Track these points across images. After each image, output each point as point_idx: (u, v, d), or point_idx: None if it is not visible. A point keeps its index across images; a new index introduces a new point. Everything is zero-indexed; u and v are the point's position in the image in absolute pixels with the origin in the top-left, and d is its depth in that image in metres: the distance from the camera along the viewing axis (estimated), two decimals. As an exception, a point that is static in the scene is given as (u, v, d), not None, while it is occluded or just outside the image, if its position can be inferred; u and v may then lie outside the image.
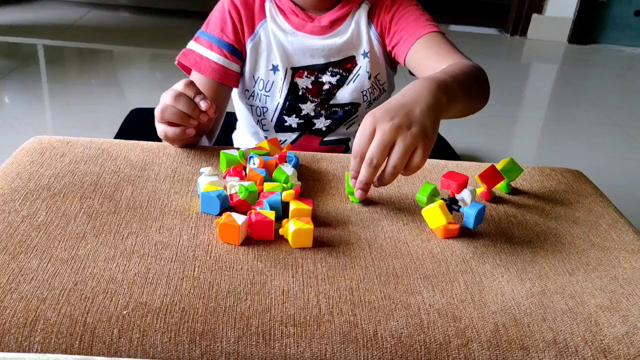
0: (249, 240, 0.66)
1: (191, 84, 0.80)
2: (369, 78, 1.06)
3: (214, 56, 1.02)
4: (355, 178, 0.70)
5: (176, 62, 1.06)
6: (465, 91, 0.79)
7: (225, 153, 0.80)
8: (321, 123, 1.09)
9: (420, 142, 0.68)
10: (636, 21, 3.93)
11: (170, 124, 0.81)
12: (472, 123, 2.49)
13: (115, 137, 1.30)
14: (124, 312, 0.55)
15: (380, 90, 1.10)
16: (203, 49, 1.03)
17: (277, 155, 0.81)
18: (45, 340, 0.52)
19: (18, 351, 0.52)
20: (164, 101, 0.80)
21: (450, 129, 1.85)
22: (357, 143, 0.69)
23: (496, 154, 2.22)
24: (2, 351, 0.52)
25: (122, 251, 0.63)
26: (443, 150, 1.53)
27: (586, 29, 3.91)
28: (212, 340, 0.53)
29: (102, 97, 2.43)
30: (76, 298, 0.56)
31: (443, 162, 0.90)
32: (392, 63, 1.09)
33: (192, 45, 1.05)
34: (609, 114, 2.75)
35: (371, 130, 0.68)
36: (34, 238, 0.64)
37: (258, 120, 1.11)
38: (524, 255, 0.69)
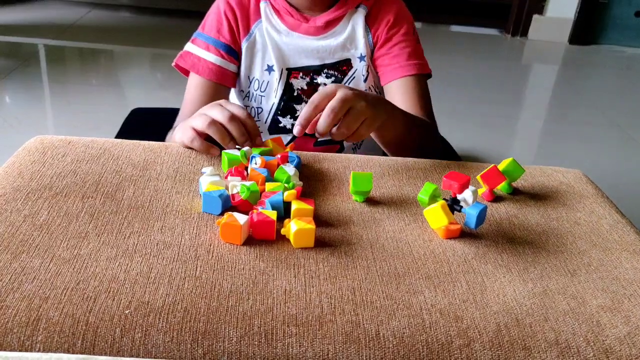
0: (251, 240, 0.66)
1: (243, 108, 0.81)
2: (365, 81, 1.07)
3: (211, 57, 1.03)
4: (302, 125, 0.79)
5: (173, 64, 1.06)
6: (407, 125, 0.93)
7: (227, 153, 0.80)
8: None
9: (369, 115, 0.79)
10: (637, 22, 3.93)
11: (202, 135, 0.81)
12: (474, 124, 2.49)
13: (116, 137, 1.30)
14: (126, 312, 0.55)
15: (375, 93, 1.10)
16: (200, 50, 1.04)
17: (279, 156, 0.81)
18: (48, 340, 0.52)
19: (20, 350, 0.52)
20: (213, 115, 0.79)
21: (452, 130, 1.85)
22: (317, 95, 0.78)
23: (497, 154, 2.22)
24: (5, 350, 0.52)
25: (124, 251, 0.63)
26: (444, 150, 1.53)
27: (587, 29, 3.92)
28: (215, 340, 0.53)
29: (103, 97, 2.44)
30: (78, 297, 0.56)
31: (445, 162, 0.90)
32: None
33: (189, 47, 1.06)
34: (609, 115, 2.75)
35: (332, 90, 0.78)
36: (36, 237, 0.64)
37: None
38: (525, 255, 0.69)
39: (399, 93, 1.04)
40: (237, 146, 0.81)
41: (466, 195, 0.71)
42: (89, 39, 3.20)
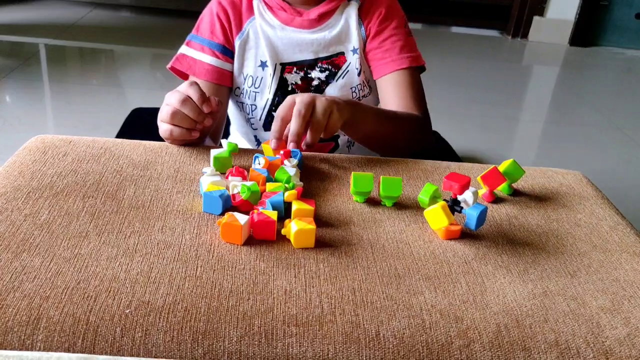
0: (251, 240, 0.66)
1: (194, 84, 0.81)
2: (359, 75, 1.07)
3: (207, 58, 1.03)
4: (277, 138, 0.82)
5: (169, 67, 1.07)
6: (379, 118, 0.95)
7: (214, 151, 0.80)
8: None
9: (334, 106, 0.83)
10: (637, 24, 3.93)
11: (174, 125, 0.82)
12: (474, 125, 2.49)
13: (117, 137, 1.30)
14: (127, 311, 0.55)
15: (369, 89, 1.10)
16: (195, 52, 1.04)
17: (282, 152, 0.81)
18: (48, 339, 0.52)
19: (21, 349, 0.52)
20: (171, 104, 0.80)
21: (452, 131, 1.85)
22: (280, 109, 0.82)
23: (498, 155, 2.22)
24: (5, 349, 0.52)
25: (124, 250, 0.63)
26: (445, 151, 1.53)
27: (587, 31, 3.92)
28: (215, 340, 0.53)
29: (104, 97, 2.44)
30: (79, 297, 0.56)
31: (445, 163, 0.90)
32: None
33: (184, 49, 1.06)
34: (609, 116, 2.75)
35: (292, 101, 0.82)
36: (36, 237, 0.64)
37: (247, 119, 1.11)
38: (525, 256, 0.69)
39: (390, 87, 1.05)
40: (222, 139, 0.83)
41: (466, 196, 0.71)
42: (90, 39, 3.20)
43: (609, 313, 0.61)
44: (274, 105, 1.07)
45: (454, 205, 0.72)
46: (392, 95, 1.04)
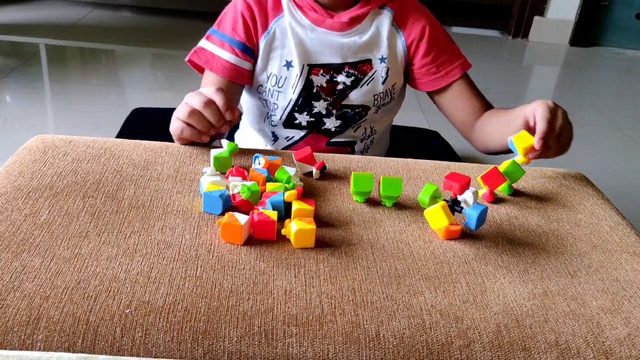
0: (251, 240, 0.66)
1: (221, 90, 0.81)
2: (383, 83, 1.07)
3: (226, 55, 1.02)
4: (541, 138, 0.83)
5: (187, 60, 1.06)
6: None
7: (214, 151, 0.80)
8: (331, 123, 1.09)
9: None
10: (637, 24, 3.93)
11: (189, 125, 0.82)
12: (474, 125, 2.49)
13: (117, 137, 1.30)
14: (127, 311, 0.55)
15: (390, 97, 1.10)
16: (215, 47, 1.03)
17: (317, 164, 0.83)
18: (48, 339, 0.52)
19: (21, 349, 0.52)
20: (193, 104, 0.80)
21: (453, 131, 1.84)
22: (550, 114, 0.86)
23: (498, 155, 2.21)
24: (6, 349, 0.52)
25: (124, 250, 0.63)
26: (445, 151, 1.53)
27: (587, 31, 3.92)
28: (215, 340, 0.53)
29: (104, 97, 2.43)
30: (79, 296, 0.56)
31: (445, 163, 0.90)
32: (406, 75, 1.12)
33: (203, 43, 1.05)
34: (610, 116, 2.75)
35: (558, 112, 0.88)
36: (36, 237, 0.64)
37: (268, 116, 1.11)
38: (525, 256, 0.69)
39: (456, 97, 1.09)
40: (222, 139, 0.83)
41: (467, 196, 0.71)
42: (90, 39, 3.20)
43: (609, 313, 0.61)
44: (297, 105, 1.07)
45: (454, 205, 0.72)
46: (461, 104, 1.09)
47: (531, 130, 0.86)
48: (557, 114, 0.87)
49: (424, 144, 1.60)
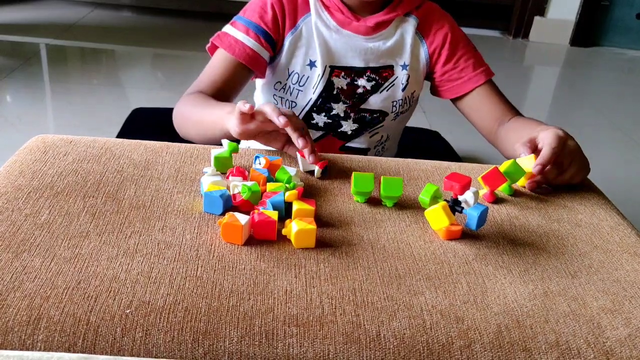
0: (252, 240, 0.66)
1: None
2: (403, 90, 1.07)
3: (250, 41, 1.02)
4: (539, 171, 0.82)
5: (208, 46, 1.06)
6: None
7: (214, 151, 0.80)
8: (348, 126, 1.09)
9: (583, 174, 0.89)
10: (638, 24, 3.93)
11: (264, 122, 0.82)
12: (474, 125, 2.49)
13: (118, 137, 1.30)
14: (127, 311, 0.55)
15: (409, 104, 1.11)
16: (239, 32, 1.03)
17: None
18: (49, 339, 0.52)
19: (21, 349, 0.52)
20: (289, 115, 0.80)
21: (452, 131, 1.85)
22: (557, 142, 0.82)
23: (498, 155, 2.21)
24: (6, 349, 0.52)
25: (125, 250, 0.63)
26: (445, 152, 1.53)
27: (588, 31, 3.92)
28: (215, 340, 0.53)
29: (104, 97, 2.44)
30: (79, 297, 0.56)
31: (446, 163, 0.90)
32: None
33: (228, 29, 1.05)
34: (610, 117, 2.75)
35: (566, 140, 0.84)
36: (37, 237, 0.64)
37: None
38: (526, 257, 0.69)
39: (479, 103, 1.08)
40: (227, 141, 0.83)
41: (467, 197, 0.71)
42: (91, 39, 3.20)
43: (609, 313, 0.61)
44: (316, 106, 1.07)
45: (454, 206, 0.72)
46: (486, 110, 1.08)
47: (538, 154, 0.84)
48: (566, 144, 0.84)
49: (424, 144, 1.60)
